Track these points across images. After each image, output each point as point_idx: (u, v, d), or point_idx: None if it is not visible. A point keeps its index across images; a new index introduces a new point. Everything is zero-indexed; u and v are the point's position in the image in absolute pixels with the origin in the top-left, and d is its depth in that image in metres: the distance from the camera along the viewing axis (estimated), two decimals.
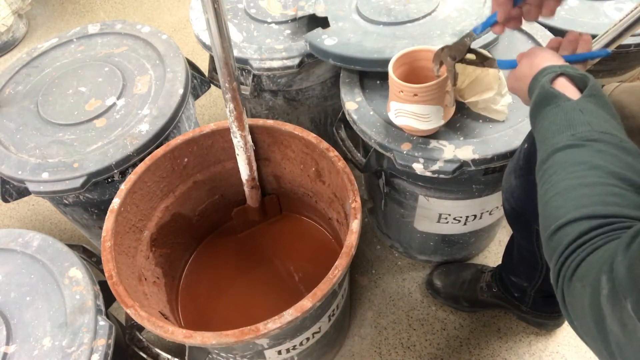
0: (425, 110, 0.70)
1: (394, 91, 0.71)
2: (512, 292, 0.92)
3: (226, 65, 0.68)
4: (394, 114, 0.73)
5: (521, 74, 0.55)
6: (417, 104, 0.69)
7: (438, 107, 0.70)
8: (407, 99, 0.69)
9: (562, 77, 0.49)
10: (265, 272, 0.97)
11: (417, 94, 0.68)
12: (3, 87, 0.98)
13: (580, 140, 0.42)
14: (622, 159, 0.40)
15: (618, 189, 0.38)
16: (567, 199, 0.40)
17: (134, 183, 0.78)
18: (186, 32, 1.81)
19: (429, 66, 0.70)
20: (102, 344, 0.67)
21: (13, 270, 0.75)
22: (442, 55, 0.66)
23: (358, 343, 1.01)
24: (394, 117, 0.74)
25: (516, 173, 0.66)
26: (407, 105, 0.70)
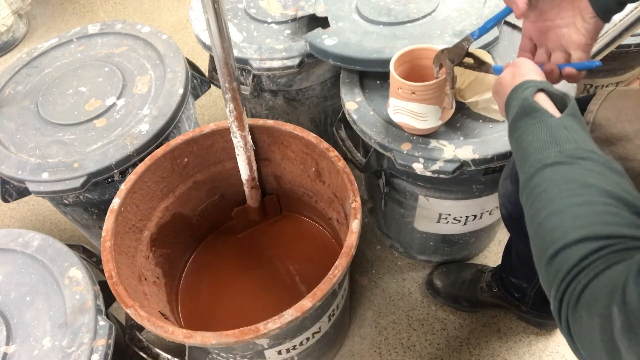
0: (423, 109, 0.70)
1: (394, 88, 0.71)
2: (512, 293, 0.92)
3: (226, 65, 0.68)
4: (392, 110, 0.74)
5: (503, 81, 0.54)
6: (415, 102, 0.70)
7: (436, 108, 0.71)
8: (406, 97, 0.70)
9: (542, 92, 0.48)
10: (265, 272, 0.97)
11: (416, 92, 0.68)
12: (3, 87, 0.98)
13: (569, 157, 0.41)
14: (611, 178, 0.39)
15: (613, 207, 0.37)
16: (563, 219, 0.39)
17: (134, 183, 0.78)
18: (186, 32, 1.81)
19: (430, 65, 0.70)
20: (102, 344, 0.67)
21: (13, 270, 0.75)
22: (442, 57, 0.66)
23: (358, 343, 1.01)
24: (392, 114, 0.74)
25: (512, 178, 0.66)
26: (405, 102, 0.71)
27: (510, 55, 0.87)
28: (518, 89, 0.49)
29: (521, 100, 0.47)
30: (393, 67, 0.70)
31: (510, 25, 0.92)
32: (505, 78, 0.54)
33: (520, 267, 0.85)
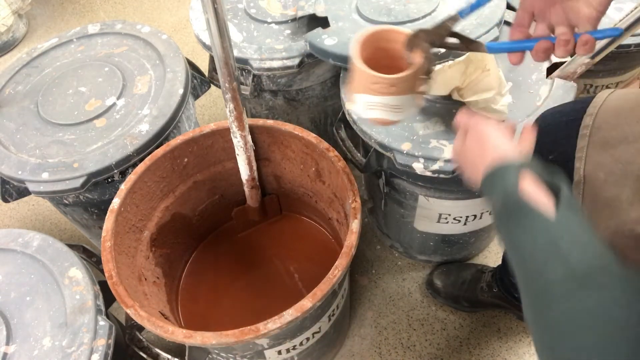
0: (400, 100, 0.62)
1: (364, 83, 0.61)
2: (512, 293, 0.92)
3: (226, 65, 0.68)
4: (363, 107, 0.64)
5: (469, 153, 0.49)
6: (392, 95, 0.61)
7: (411, 96, 0.63)
8: (382, 91, 0.61)
9: (525, 178, 0.41)
10: (265, 272, 0.97)
11: (395, 85, 0.59)
12: (3, 87, 0.98)
13: (581, 277, 0.35)
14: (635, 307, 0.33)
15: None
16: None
17: (134, 183, 0.78)
18: (186, 32, 1.81)
19: (393, 47, 0.61)
20: (102, 344, 0.67)
21: (13, 270, 0.75)
22: (417, 40, 0.58)
23: (358, 343, 1.01)
24: (362, 111, 0.65)
25: None
26: (380, 97, 0.61)
27: None
28: (496, 176, 0.43)
29: (503, 194, 0.41)
30: (357, 58, 0.60)
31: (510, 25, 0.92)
32: (471, 149, 0.48)
33: None
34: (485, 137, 0.48)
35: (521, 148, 0.49)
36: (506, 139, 0.47)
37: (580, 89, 1.15)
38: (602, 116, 0.50)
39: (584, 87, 1.14)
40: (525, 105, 0.79)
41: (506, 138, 0.47)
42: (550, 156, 0.57)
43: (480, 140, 0.48)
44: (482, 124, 0.50)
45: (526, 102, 0.80)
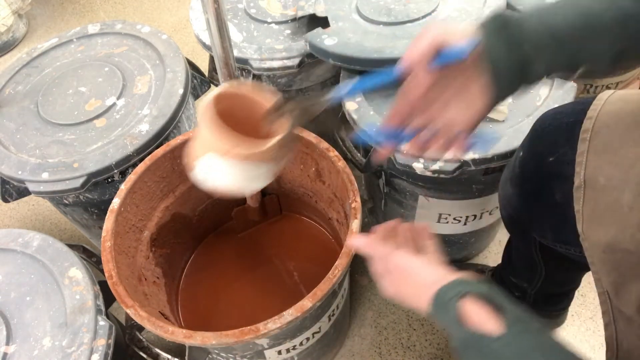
0: (256, 170, 0.54)
1: (217, 145, 0.51)
2: (512, 292, 0.92)
3: (226, 65, 0.68)
4: (206, 170, 0.54)
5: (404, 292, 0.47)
6: (249, 163, 0.52)
7: (271, 165, 0.56)
8: (238, 156, 0.52)
9: (466, 301, 0.40)
10: (265, 272, 0.97)
11: (252, 154, 0.51)
12: (3, 87, 0.98)
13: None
14: None
15: None
16: None
17: (134, 183, 0.78)
18: (186, 32, 1.81)
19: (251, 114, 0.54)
20: (102, 344, 0.67)
21: (13, 270, 0.75)
22: (285, 110, 0.52)
23: (358, 343, 1.01)
24: (203, 174, 0.55)
25: (512, 181, 0.66)
26: (233, 162, 0.52)
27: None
28: (439, 307, 0.42)
29: (454, 330, 0.41)
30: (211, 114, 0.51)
31: None
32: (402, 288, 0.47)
33: (520, 268, 0.85)
34: (408, 274, 0.46)
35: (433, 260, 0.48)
36: (428, 267, 0.46)
37: (580, 89, 1.15)
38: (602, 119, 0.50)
39: (584, 87, 1.14)
40: (525, 105, 0.79)
41: (427, 266, 0.46)
42: (551, 158, 0.57)
43: (406, 278, 0.47)
44: (393, 257, 0.48)
45: (526, 102, 0.80)
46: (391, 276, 0.49)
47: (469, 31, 0.41)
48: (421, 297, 0.44)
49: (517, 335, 0.37)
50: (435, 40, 0.41)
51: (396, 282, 0.49)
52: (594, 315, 1.01)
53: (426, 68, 0.42)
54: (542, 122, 0.60)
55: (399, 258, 0.48)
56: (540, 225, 0.63)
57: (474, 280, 0.43)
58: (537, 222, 0.64)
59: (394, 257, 0.48)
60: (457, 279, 0.43)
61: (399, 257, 0.48)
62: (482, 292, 0.40)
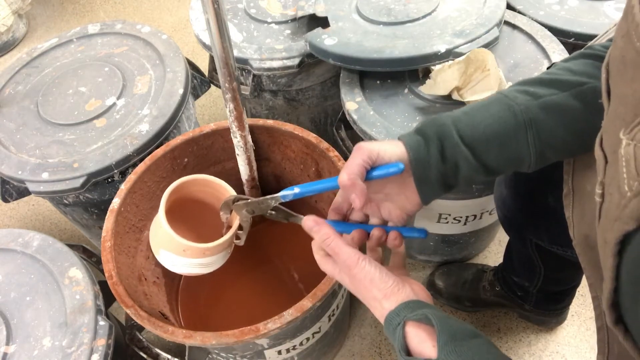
0: (214, 258, 0.65)
1: (174, 246, 0.61)
2: (515, 291, 0.92)
3: (226, 65, 0.68)
4: (170, 264, 0.65)
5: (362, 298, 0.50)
6: (205, 257, 0.63)
7: (226, 251, 0.67)
8: (193, 255, 0.62)
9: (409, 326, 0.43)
10: (265, 272, 0.97)
11: (207, 250, 0.62)
12: (3, 87, 0.98)
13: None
14: None
15: None
16: None
17: (134, 183, 0.78)
18: (186, 32, 1.81)
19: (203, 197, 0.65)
20: (102, 344, 0.67)
21: (13, 270, 0.75)
22: (235, 207, 0.61)
23: (358, 343, 1.01)
24: (169, 266, 0.65)
25: (506, 183, 0.66)
26: (191, 260, 0.63)
27: (509, 55, 0.87)
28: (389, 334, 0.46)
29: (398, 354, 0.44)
30: (164, 217, 0.60)
31: (511, 25, 0.92)
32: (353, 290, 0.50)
33: (520, 267, 0.85)
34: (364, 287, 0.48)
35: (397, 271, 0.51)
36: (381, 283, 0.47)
37: None
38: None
39: None
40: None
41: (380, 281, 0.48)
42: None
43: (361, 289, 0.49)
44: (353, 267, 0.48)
45: None
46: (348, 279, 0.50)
47: (400, 148, 0.47)
48: (372, 306, 0.48)
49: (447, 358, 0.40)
50: (371, 156, 0.46)
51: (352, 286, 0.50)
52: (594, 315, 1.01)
53: (361, 179, 0.46)
54: None
55: (358, 270, 0.48)
56: (535, 228, 0.63)
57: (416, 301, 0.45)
58: (531, 225, 0.64)
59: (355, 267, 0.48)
60: (400, 304, 0.45)
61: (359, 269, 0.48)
62: (421, 317, 0.43)
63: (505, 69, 0.84)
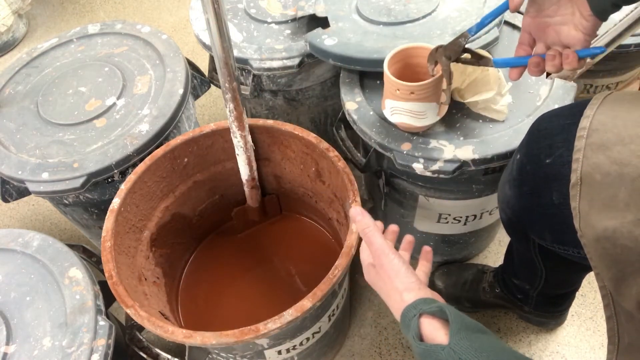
0: (421, 107, 0.71)
1: (390, 89, 0.71)
2: (514, 294, 0.92)
3: (226, 65, 0.68)
4: (389, 111, 0.74)
5: (381, 288, 0.56)
6: (413, 102, 0.70)
7: (433, 104, 0.71)
8: (404, 97, 0.70)
9: (424, 317, 0.48)
10: (265, 272, 0.97)
11: (414, 92, 0.68)
12: (3, 87, 0.98)
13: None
14: None
15: None
16: None
17: (134, 183, 0.78)
18: (186, 32, 1.81)
19: (423, 63, 0.70)
20: (102, 344, 0.67)
21: (13, 270, 0.75)
22: (437, 55, 0.66)
23: (358, 343, 1.01)
24: (389, 115, 0.75)
25: (510, 183, 0.66)
26: (403, 103, 0.71)
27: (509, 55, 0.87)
28: (404, 326, 0.49)
29: (412, 343, 0.48)
30: (387, 68, 0.70)
31: (510, 25, 0.92)
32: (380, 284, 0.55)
33: (521, 270, 0.85)
34: (388, 277, 0.54)
35: (421, 275, 0.58)
36: (405, 277, 0.53)
37: (580, 89, 1.15)
38: (599, 118, 0.50)
39: (584, 87, 1.14)
40: (525, 105, 0.79)
41: (404, 276, 0.53)
42: (548, 160, 0.57)
43: (385, 279, 0.54)
44: (384, 257, 0.55)
45: (526, 102, 0.80)
46: (374, 270, 0.57)
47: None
48: (391, 297, 0.53)
49: (459, 343, 0.43)
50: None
51: (376, 276, 0.56)
52: (594, 315, 1.01)
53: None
54: (539, 124, 0.60)
55: (388, 261, 0.54)
56: (538, 227, 0.64)
57: (432, 299, 0.49)
58: (535, 224, 0.64)
59: (385, 258, 0.55)
60: (419, 298, 0.49)
61: (388, 260, 0.54)
62: (435, 310, 0.47)
63: (505, 69, 0.84)
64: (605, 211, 0.46)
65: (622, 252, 0.44)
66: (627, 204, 0.44)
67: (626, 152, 0.46)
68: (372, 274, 0.57)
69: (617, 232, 0.44)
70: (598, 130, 0.49)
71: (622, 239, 0.44)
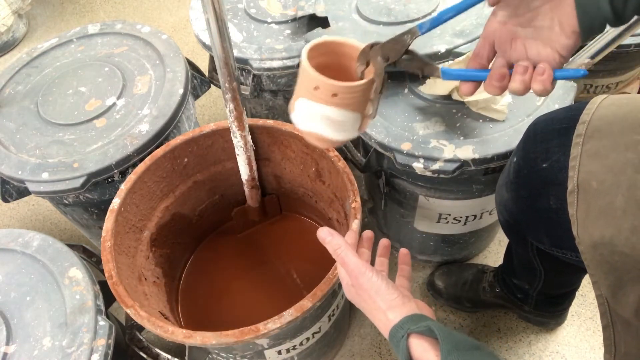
0: (343, 116, 0.54)
1: (306, 86, 0.53)
2: (514, 293, 0.92)
3: (226, 65, 0.68)
4: (300, 115, 0.55)
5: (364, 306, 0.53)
6: (334, 107, 0.53)
7: (357, 115, 0.55)
8: (323, 99, 0.52)
9: (413, 337, 0.46)
10: (265, 272, 0.97)
11: (338, 93, 0.51)
12: (3, 87, 0.98)
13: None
14: None
15: None
16: None
17: (134, 183, 0.78)
18: (186, 32, 1.81)
19: (347, 63, 0.55)
20: (102, 344, 0.67)
21: (13, 270, 0.75)
22: (372, 53, 0.52)
23: (358, 343, 1.01)
24: (299, 119, 0.56)
25: (507, 186, 0.66)
26: (320, 105, 0.53)
27: None
28: (393, 344, 0.48)
29: None
30: (306, 59, 0.52)
31: None
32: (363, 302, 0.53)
33: (520, 270, 0.85)
34: (369, 296, 0.51)
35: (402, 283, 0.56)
36: (386, 295, 0.51)
37: (580, 89, 1.15)
38: (595, 124, 0.50)
39: (584, 87, 1.14)
40: (525, 105, 0.79)
41: (386, 293, 0.51)
42: (544, 164, 0.57)
43: (366, 299, 0.52)
44: (360, 276, 0.52)
45: (526, 102, 0.80)
46: (354, 289, 0.54)
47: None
48: (375, 317, 0.51)
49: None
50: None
51: (357, 296, 0.54)
52: (594, 315, 1.01)
53: None
54: (535, 128, 0.60)
55: (366, 279, 0.52)
56: (536, 231, 0.63)
57: (419, 315, 0.48)
58: (533, 228, 0.64)
59: (362, 277, 0.52)
60: (405, 317, 0.48)
61: (366, 279, 0.52)
62: (424, 329, 0.45)
63: None
64: (602, 218, 0.46)
65: (620, 259, 0.44)
66: (624, 211, 0.44)
67: (622, 159, 0.46)
68: (352, 293, 0.55)
69: (614, 239, 0.44)
70: (594, 137, 0.49)
71: (619, 246, 0.44)
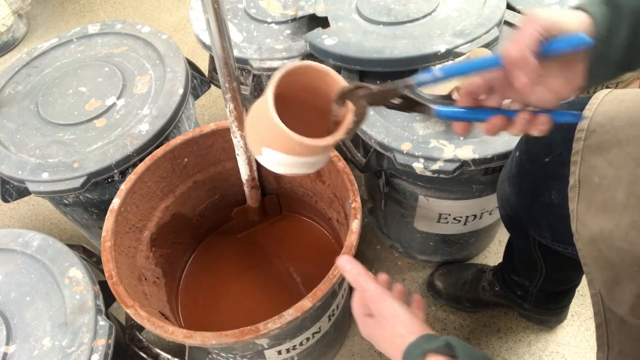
0: (315, 159, 0.53)
1: (272, 136, 0.48)
2: (514, 291, 0.92)
3: (226, 65, 0.68)
4: (268, 162, 0.53)
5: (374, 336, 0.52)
6: (307, 157, 0.51)
7: (329, 153, 0.55)
8: (307, 152, 0.49)
9: (429, 357, 0.44)
10: (265, 272, 0.97)
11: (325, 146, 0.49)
12: (3, 87, 0.98)
13: None
14: None
15: None
16: None
17: (134, 183, 0.78)
18: (186, 32, 1.81)
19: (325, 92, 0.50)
20: (102, 344, 0.67)
21: (13, 270, 0.75)
22: (354, 95, 0.47)
23: (358, 343, 1.01)
24: (269, 166, 0.53)
25: (509, 181, 0.66)
26: (290, 157, 0.50)
27: None
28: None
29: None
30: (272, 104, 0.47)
31: (510, 25, 0.92)
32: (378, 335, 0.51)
33: (521, 266, 0.85)
34: (389, 323, 0.50)
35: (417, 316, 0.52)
36: (406, 320, 0.50)
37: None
38: (597, 119, 0.50)
39: None
40: None
41: (404, 318, 0.50)
42: (547, 159, 0.57)
43: (386, 326, 0.50)
44: (381, 302, 0.51)
45: None
46: (372, 320, 0.52)
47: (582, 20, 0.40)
48: (393, 344, 0.48)
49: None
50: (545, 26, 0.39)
51: (376, 325, 0.52)
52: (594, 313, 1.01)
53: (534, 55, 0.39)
54: None
55: (386, 306, 0.50)
56: (538, 225, 0.64)
57: (437, 336, 0.46)
58: (535, 222, 0.64)
59: (383, 303, 0.51)
60: (422, 335, 0.47)
61: (387, 306, 0.50)
62: (440, 346, 0.44)
63: None
64: (602, 213, 0.46)
65: (617, 254, 0.44)
66: (625, 206, 0.44)
67: (623, 154, 0.46)
68: (369, 325, 0.52)
69: (613, 234, 0.44)
70: (596, 132, 0.49)
71: (618, 241, 0.44)
